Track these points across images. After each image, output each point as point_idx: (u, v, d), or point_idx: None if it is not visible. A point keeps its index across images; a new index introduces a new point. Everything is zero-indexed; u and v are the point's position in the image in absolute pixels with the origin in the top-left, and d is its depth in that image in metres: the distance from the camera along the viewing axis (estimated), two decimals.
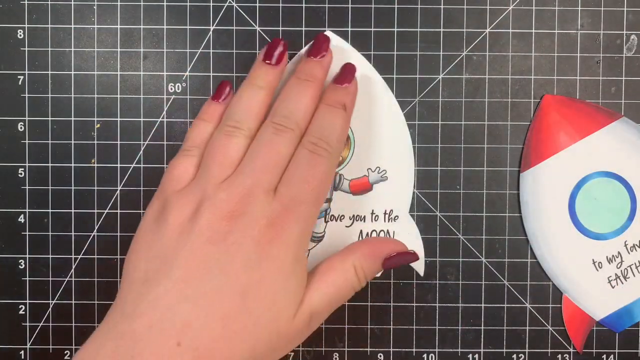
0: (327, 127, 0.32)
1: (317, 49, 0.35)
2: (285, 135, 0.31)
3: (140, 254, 0.30)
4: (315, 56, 0.35)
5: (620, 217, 0.37)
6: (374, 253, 0.32)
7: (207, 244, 0.29)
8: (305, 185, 0.30)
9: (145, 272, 0.29)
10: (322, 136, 0.32)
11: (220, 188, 0.30)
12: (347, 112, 0.33)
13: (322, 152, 0.31)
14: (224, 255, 0.28)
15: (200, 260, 0.28)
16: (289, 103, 0.32)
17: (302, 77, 0.33)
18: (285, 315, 0.29)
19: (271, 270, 0.29)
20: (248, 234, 0.29)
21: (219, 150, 0.31)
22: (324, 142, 0.31)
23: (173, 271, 0.28)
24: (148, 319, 0.27)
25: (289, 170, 0.31)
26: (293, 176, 0.31)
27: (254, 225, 0.29)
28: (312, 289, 0.30)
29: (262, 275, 0.29)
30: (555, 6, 0.37)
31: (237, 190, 0.30)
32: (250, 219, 0.29)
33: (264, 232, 0.29)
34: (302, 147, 0.31)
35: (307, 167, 0.31)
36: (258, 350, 0.28)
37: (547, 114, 0.37)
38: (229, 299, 0.28)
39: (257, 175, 0.30)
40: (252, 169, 0.30)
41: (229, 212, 0.29)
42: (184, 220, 0.29)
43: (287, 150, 0.31)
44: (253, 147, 0.31)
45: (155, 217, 0.31)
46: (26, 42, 0.37)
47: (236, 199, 0.29)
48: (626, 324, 0.37)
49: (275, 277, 0.29)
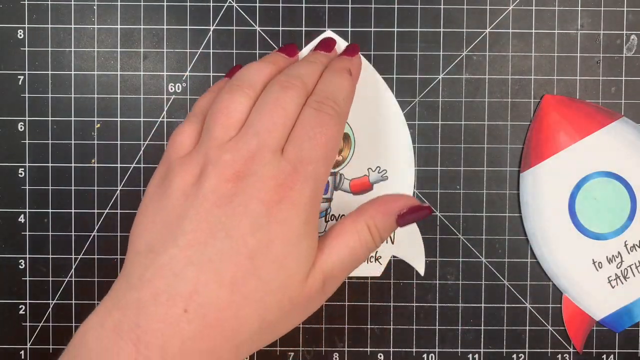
0: (334, 88, 0.31)
1: (326, 45, 0.35)
2: (292, 92, 0.30)
3: (145, 223, 0.28)
4: (323, 50, 0.35)
5: (620, 217, 0.37)
6: (387, 210, 0.31)
7: (213, 207, 0.27)
8: (314, 143, 0.29)
9: (150, 241, 0.28)
10: (329, 95, 0.30)
11: (224, 149, 0.28)
12: (352, 77, 0.33)
13: (329, 109, 0.30)
14: (230, 219, 0.27)
15: (206, 225, 0.27)
16: (297, 67, 0.32)
17: (310, 59, 0.33)
18: (297, 280, 0.28)
19: (280, 233, 0.27)
20: (255, 195, 0.27)
21: (222, 111, 0.29)
22: (331, 101, 0.30)
23: (178, 238, 0.27)
24: (154, 287, 0.26)
25: (295, 129, 0.29)
26: (300, 135, 0.29)
27: (260, 186, 0.27)
28: (325, 252, 0.29)
29: (271, 239, 0.27)
30: (555, 6, 0.37)
31: (242, 151, 0.28)
32: (256, 180, 0.27)
33: (272, 193, 0.27)
34: (308, 106, 0.30)
35: (315, 125, 0.29)
36: (268, 316, 0.27)
37: (547, 114, 0.37)
38: (236, 263, 0.27)
39: (263, 134, 0.28)
40: (257, 128, 0.28)
41: (234, 174, 0.28)
42: (187, 185, 0.28)
43: (294, 108, 0.29)
44: (258, 105, 0.30)
45: (159, 185, 0.29)
46: (26, 42, 0.37)
47: (241, 160, 0.28)
48: (626, 324, 0.37)
49: (285, 240, 0.27)
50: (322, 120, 0.29)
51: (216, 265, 0.26)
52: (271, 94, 0.30)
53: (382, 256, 0.38)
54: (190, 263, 0.26)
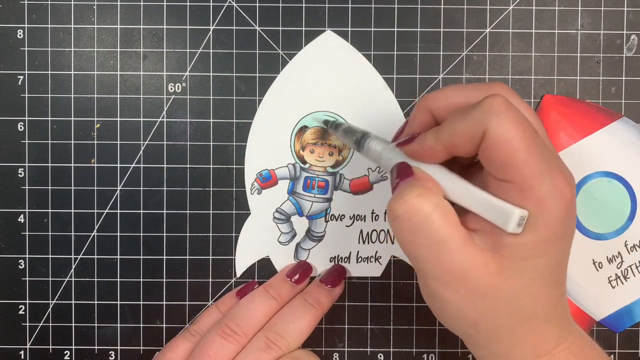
0: (289, 325, 0.34)
1: (299, 276, 0.36)
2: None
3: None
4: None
5: (620, 217, 0.37)
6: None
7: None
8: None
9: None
10: (281, 331, 0.33)
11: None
12: (320, 308, 0.35)
13: (274, 348, 0.33)
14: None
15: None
16: (249, 308, 0.34)
17: (272, 294, 0.35)
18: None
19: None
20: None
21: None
22: (281, 338, 0.33)
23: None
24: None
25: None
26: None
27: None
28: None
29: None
30: (555, 6, 0.37)
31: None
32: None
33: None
34: (258, 339, 0.33)
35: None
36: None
37: (547, 114, 0.37)
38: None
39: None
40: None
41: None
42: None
43: (229, 356, 0.33)
44: (195, 353, 0.33)
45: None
46: (26, 42, 0.37)
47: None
48: (626, 324, 0.37)
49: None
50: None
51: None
52: (211, 344, 0.33)
53: (382, 256, 0.38)
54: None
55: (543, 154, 0.24)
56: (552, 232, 0.24)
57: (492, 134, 0.24)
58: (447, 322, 0.28)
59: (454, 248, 0.25)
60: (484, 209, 0.25)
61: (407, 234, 0.25)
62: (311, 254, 0.38)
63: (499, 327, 0.26)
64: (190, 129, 0.37)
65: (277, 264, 0.38)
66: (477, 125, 0.24)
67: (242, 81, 0.37)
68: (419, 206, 0.25)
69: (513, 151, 0.24)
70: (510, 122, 0.24)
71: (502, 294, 0.25)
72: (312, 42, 0.37)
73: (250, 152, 0.37)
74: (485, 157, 0.25)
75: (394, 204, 0.26)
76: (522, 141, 0.24)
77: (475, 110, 0.25)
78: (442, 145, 0.26)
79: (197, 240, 0.37)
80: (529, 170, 0.24)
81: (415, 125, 0.29)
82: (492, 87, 0.26)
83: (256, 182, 0.37)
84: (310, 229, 0.38)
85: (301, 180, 0.37)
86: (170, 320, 0.38)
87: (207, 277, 0.38)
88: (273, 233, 0.38)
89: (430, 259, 0.25)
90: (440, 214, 0.25)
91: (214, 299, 0.38)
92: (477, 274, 0.25)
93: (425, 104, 0.28)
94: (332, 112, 0.37)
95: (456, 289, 0.25)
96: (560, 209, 0.24)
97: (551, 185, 0.24)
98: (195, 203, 0.37)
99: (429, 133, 0.27)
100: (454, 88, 0.27)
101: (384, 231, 0.37)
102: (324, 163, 0.37)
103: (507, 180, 0.24)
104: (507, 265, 0.25)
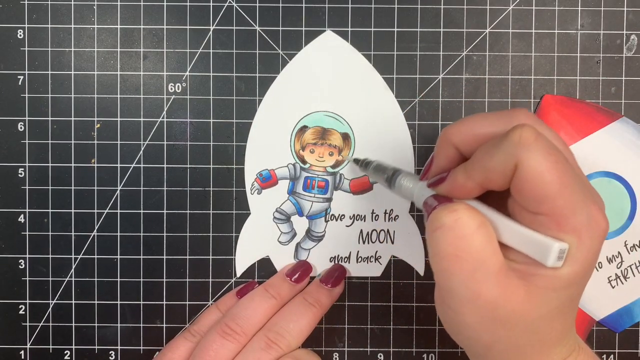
0: (290, 324, 0.34)
1: (299, 276, 0.36)
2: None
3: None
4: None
5: (620, 217, 0.37)
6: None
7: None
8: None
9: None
10: (281, 331, 0.33)
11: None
12: (320, 308, 0.35)
13: (276, 348, 0.33)
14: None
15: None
16: (249, 307, 0.34)
17: (271, 293, 0.35)
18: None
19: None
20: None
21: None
22: (282, 337, 0.33)
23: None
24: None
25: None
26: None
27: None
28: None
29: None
30: (555, 6, 0.37)
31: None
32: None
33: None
34: (258, 339, 0.33)
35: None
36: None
37: (547, 114, 0.37)
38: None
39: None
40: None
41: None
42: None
43: (228, 355, 0.33)
44: (197, 350, 0.33)
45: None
46: (26, 42, 0.37)
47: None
48: (626, 324, 0.37)
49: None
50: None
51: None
52: (211, 343, 0.33)
53: (382, 256, 0.38)
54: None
55: (576, 184, 0.23)
56: (588, 264, 0.24)
57: (524, 167, 0.23)
58: (460, 340, 0.27)
59: (490, 271, 0.24)
60: (521, 242, 0.24)
61: (448, 246, 0.25)
62: (311, 253, 0.38)
63: (511, 349, 0.26)
64: (190, 129, 0.37)
65: (277, 264, 0.38)
66: (508, 160, 0.23)
67: (242, 81, 0.37)
68: (467, 219, 0.24)
69: (546, 184, 0.23)
70: (541, 154, 0.23)
71: (522, 321, 0.25)
72: (312, 42, 0.37)
73: (250, 152, 0.37)
74: (518, 191, 0.24)
75: (439, 213, 0.25)
76: (555, 172, 0.23)
77: (504, 144, 0.24)
78: (474, 182, 0.25)
79: (197, 240, 0.37)
80: (564, 201, 0.23)
81: (442, 161, 0.28)
82: (516, 116, 0.26)
83: (256, 182, 0.37)
84: (310, 229, 0.38)
85: (301, 180, 0.37)
86: (170, 320, 0.38)
87: (207, 277, 0.38)
88: (273, 233, 0.38)
89: (464, 278, 0.24)
90: (485, 233, 0.24)
91: (214, 299, 0.38)
92: (506, 302, 0.24)
93: (448, 138, 0.27)
94: (332, 112, 0.37)
95: (481, 315, 0.25)
96: (597, 240, 0.24)
97: (587, 217, 0.23)
98: (195, 203, 0.37)
99: (459, 171, 0.26)
100: (475, 119, 0.27)
101: (384, 231, 0.37)
102: (324, 163, 0.37)
103: (541, 213, 0.24)
104: (537, 295, 0.24)
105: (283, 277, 0.36)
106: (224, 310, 0.36)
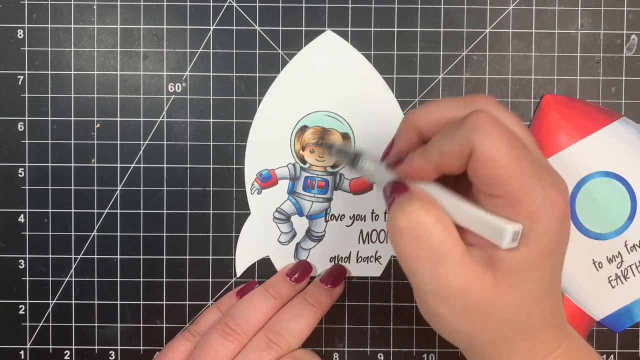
0: (290, 324, 0.34)
1: (299, 275, 0.36)
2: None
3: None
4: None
5: (620, 217, 0.37)
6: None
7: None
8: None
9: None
10: (281, 331, 0.33)
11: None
12: (320, 308, 0.35)
13: (276, 348, 0.33)
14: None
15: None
16: (249, 307, 0.34)
17: (271, 293, 0.35)
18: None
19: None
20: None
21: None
22: (282, 337, 0.33)
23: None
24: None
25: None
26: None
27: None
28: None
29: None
30: (555, 6, 0.37)
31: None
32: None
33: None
34: (258, 339, 0.33)
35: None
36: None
37: (547, 114, 0.37)
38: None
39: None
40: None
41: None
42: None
43: (229, 355, 0.33)
44: (195, 352, 0.33)
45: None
46: (26, 42, 0.37)
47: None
48: (626, 324, 0.37)
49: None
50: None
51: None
52: (211, 343, 0.33)
53: (382, 256, 0.38)
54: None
55: (532, 167, 0.24)
56: (547, 245, 0.24)
57: (479, 151, 0.24)
58: (444, 334, 0.28)
59: (453, 262, 0.25)
60: (478, 225, 0.25)
61: (408, 247, 0.25)
62: (311, 253, 0.38)
63: (494, 338, 0.26)
64: (190, 129, 0.37)
65: (277, 264, 0.38)
66: (464, 144, 0.24)
67: (242, 81, 0.37)
68: (422, 218, 0.25)
69: (501, 167, 0.24)
70: (496, 138, 0.24)
71: (497, 308, 0.25)
72: (312, 42, 0.37)
73: (250, 152, 0.37)
74: (474, 174, 0.25)
75: (395, 215, 0.25)
76: (509, 156, 0.24)
77: (460, 128, 0.24)
78: (431, 165, 0.26)
79: (197, 240, 0.37)
80: (519, 185, 0.24)
81: (402, 143, 0.28)
82: (475, 101, 0.26)
83: (256, 182, 0.37)
84: (310, 228, 0.38)
85: (301, 180, 0.37)
86: (170, 320, 0.38)
87: (207, 277, 0.38)
88: (273, 233, 0.38)
89: (429, 273, 0.25)
90: (442, 227, 0.25)
91: (214, 299, 0.38)
92: (474, 289, 0.25)
93: (410, 121, 0.27)
94: (332, 112, 0.37)
95: (452, 305, 0.25)
96: (554, 222, 0.24)
97: (543, 199, 0.24)
98: (195, 203, 0.37)
99: (417, 154, 0.26)
100: (437, 103, 0.27)
101: (384, 231, 0.37)
102: (324, 163, 0.37)
103: (497, 195, 0.24)
104: (503, 279, 0.25)
105: (283, 277, 0.36)
106: (224, 310, 0.36)
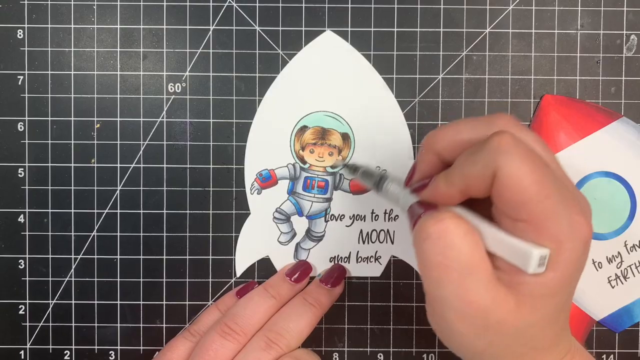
0: (290, 324, 0.34)
1: (299, 275, 0.36)
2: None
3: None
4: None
5: (620, 217, 0.37)
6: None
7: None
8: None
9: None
10: (281, 330, 0.33)
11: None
12: (320, 308, 0.35)
13: (276, 347, 0.33)
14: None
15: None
16: (248, 307, 0.34)
17: (271, 293, 0.35)
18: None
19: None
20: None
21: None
22: (281, 337, 0.33)
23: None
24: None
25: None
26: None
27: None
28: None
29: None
30: (555, 6, 0.37)
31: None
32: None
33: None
34: (258, 339, 0.33)
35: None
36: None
37: (547, 114, 0.37)
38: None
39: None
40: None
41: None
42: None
43: (229, 355, 0.33)
44: (195, 352, 0.33)
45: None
46: (26, 42, 0.37)
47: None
48: (626, 324, 0.37)
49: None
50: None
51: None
52: (211, 343, 0.33)
53: (382, 256, 0.38)
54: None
55: (557, 189, 0.23)
56: (571, 270, 0.24)
57: (502, 174, 0.23)
58: (452, 347, 0.27)
59: (481, 278, 0.24)
60: (503, 249, 0.24)
61: (436, 256, 0.24)
62: (311, 254, 0.38)
63: (503, 352, 0.26)
64: (190, 129, 0.37)
65: (277, 264, 0.38)
66: (487, 167, 0.23)
67: (242, 81, 0.37)
68: (453, 228, 0.24)
69: (525, 191, 0.23)
70: (520, 160, 0.23)
71: (514, 329, 0.25)
72: (312, 42, 0.37)
73: (250, 152, 0.37)
74: (498, 197, 0.24)
75: (425, 223, 0.25)
76: (533, 179, 0.23)
77: (483, 151, 0.24)
78: (455, 189, 0.25)
79: (197, 240, 0.37)
80: (543, 208, 0.23)
81: (424, 167, 0.28)
82: (496, 122, 0.25)
83: (256, 182, 0.37)
84: (310, 229, 0.38)
85: (301, 180, 0.37)
86: (170, 320, 0.38)
87: (207, 277, 0.38)
88: (273, 233, 0.38)
89: (455, 286, 0.24)
90: (472, 240, 0.24)
91: (214, 299, 0.38)
92: (497, 309, 0.24)
93: (430, 145, 0.27)
94: (331, 112, 0.37)
95: (472, 323, 0.25)
96: (578, 247, 0.24)
97: (568, 224, 0.23)
98: (195, 203, 0.37)
99: (440, 179, 0.26)
100: (456, 125, 0.27)
101: (383, 231, 0.37)
102: (323, 163, 0.37)
103: (521, 219, 0.24)
104: (525, 303, 0.24)
105: (283, 277, 0.36)
106: (224, 310, 0.36)
